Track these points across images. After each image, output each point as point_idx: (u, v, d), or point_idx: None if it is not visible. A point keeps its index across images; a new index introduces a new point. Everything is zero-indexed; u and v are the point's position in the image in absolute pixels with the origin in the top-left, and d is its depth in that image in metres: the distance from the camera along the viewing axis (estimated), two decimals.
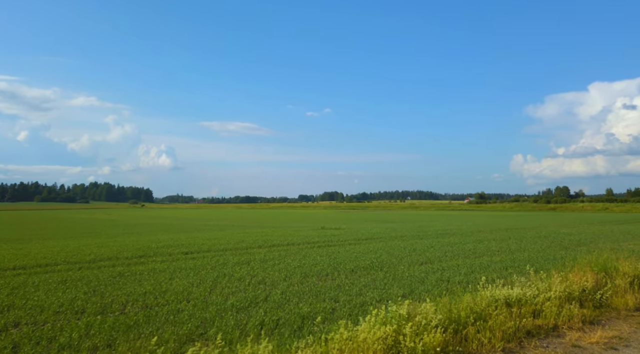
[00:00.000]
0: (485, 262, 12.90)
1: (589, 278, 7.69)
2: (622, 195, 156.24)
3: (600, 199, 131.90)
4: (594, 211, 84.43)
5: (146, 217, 65.41)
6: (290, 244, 18.82)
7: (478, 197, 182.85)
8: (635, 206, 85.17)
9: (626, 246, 18.01)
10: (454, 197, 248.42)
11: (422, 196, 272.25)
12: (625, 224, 35.60)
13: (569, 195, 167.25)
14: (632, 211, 75.59)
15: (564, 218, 50.23)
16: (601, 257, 9.21)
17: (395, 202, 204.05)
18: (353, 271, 11.12)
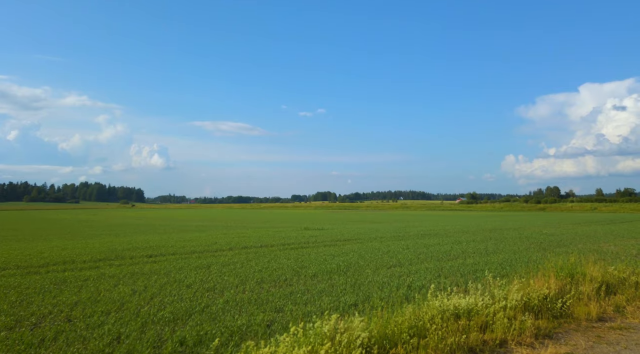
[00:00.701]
0: (456, 265, 12.39)
1: (552, 284, 7.18)
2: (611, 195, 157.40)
3: (590, 199, 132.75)
4: (583, 211, 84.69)
5: (131, 218, 64.34)
6: (264, 246, 18.21)
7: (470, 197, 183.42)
8: (623, 206, 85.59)
9: (606, 247, 17.64)
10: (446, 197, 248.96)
11: (415, 196, 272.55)
12: (611, 224, 35.42)
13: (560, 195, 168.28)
14: (620, 211, 75.89)
15: (552, 218, 50.09)
16: (569, 261, 8.72)
17: (388, 203, 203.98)
18: (314, 276, 10.54)
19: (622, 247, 17.58)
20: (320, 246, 18.28)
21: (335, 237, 23.12)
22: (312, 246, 18.25)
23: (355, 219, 55.76)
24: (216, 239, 21.65)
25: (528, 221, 42.91)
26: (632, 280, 8.59)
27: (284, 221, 51.63)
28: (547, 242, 19.43)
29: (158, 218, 63.24)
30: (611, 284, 8.16)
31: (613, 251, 16.17)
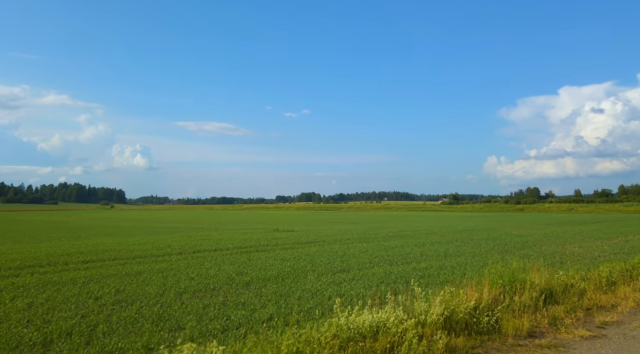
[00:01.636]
0: (407, 270, 11.69)
1: (485, 293, 6.47)
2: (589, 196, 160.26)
3: (568, 199, 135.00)
4: (560, 211, 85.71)
5: (104, 219, 62.47)
6: (218, 250, 17.28)
7: (452, 198, 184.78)
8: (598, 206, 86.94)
9: (570, 249, 17.24)
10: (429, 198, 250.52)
11: (399, 196, 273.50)
12: (583, 225, 35.45)
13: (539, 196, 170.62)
14: (596, 212, 76.96)
15: (527, 219, 50.22)
16: (510, 266, 8.06)
17: (371, 203, 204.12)
18: (247, 284, 9.69)
19: (586, 249, 17.20)
20: (277, 249, 17.43)
21: (300, 239, 22.30)
22: (269, 250, 17.38)
23: (332, 220, 55.05)
24: (172, 243, 20.59)
25: (503, 221, 42.81)
26: (579, 287, 7.98)
27: (260, 222, 50.61)
28: (513, 244, 18.97)
29: (131, 220, 61.54)
30: (555, 292, 7.53)
31: (576, 253, 15.75)
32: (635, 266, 10.87)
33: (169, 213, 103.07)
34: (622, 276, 9.41)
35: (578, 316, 6.53)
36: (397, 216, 73.92)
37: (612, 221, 40.20)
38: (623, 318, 6.58)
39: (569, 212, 78.09)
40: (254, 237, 23.51)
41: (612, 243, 19.57)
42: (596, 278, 8.90)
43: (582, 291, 7.88)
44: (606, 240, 21.11)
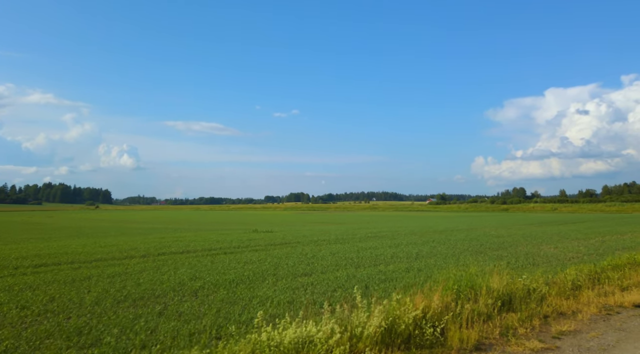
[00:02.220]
0: (372, 273, 11.19)
1: (435, 301, 5.98)
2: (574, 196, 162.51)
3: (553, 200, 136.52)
4: (544, 211, 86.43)
5: (85, 220, 61.10)
6: (185, 252, 16.60)
7: (439, 198, 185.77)
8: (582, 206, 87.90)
9: (545, 250, 16.95)
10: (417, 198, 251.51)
11: (387, 197, 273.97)
12: (564, 224, 35.47)
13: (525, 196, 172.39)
14: (579, 212, 77.73)
15: (511, 219, 50.31)
16: (468, 270, 7.59)
17: (360, 203, 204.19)
18: (196, 291, 9.07)
19: (562, 250, 16.93)
20: (247, 252, 16.81)
21: (275, 240, 21.71)
22: (238, 252, 16.76)
23: (316, 220, 54.52)
24: (141, 245, 19.83)
25: (485, 221, 42.72)
26: (541, 292, 7.54)
27: (243, 222, 49.84)
28: (488, 245, 18.63)
29: (112, 220, 60.28)
30: (514, 298, 7.07)
31: (550, 254, 15.44)
32: (605, 268, 10.53)
33: (153, 214, 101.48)
34: (590, 279, 9.03)
35: (534, 324, 6.07)
36: (383, 216, 73.74)
37: (593, 221, 40.36)
38: (582, 327, 6.14)
39: (552, 212, 78.75)
40: (228, 239, 22.85)
41: (588, 244, 19.36)
42: (561, 281, 8.50)
43: (543, 296, 7.44)
44: (583, 240, 20.93)
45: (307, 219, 60.16)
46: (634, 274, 9.85)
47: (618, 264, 10.90)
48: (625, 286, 8.75)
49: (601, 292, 8.01)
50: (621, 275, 9.74)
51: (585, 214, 69.26)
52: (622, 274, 9.78)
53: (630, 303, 7.29)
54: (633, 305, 7.29)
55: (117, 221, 60.07)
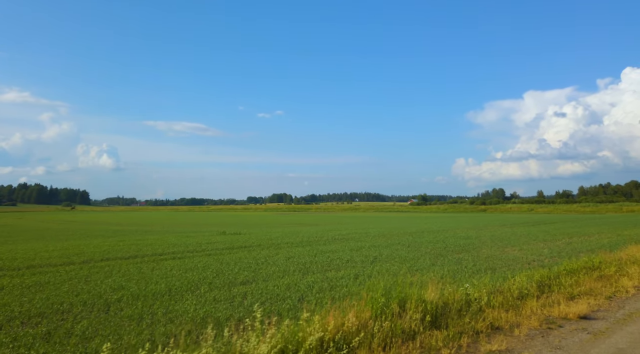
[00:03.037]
0: (316, 280, 10.42)
1: (349, 319, 5.22)
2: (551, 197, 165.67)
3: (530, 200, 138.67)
4: (520, 212, 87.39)
5: (54, 222, 58.91)
6: (133, 257, 15.59)
7: (421, 198, 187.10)
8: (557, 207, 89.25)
9: (509, 252, 16.49)
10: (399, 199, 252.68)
11: (370, 197, 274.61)
12: (535, 225, 35.43)
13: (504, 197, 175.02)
14: (554, 212, 78.78)
15: (486, 219, 50.36)
16: (397, 280, 6.88)
17: (341, 204, 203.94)
18: (110, 304, 8.15)
19: (526, 252, 16.49)
20: (200, 256, 15.89)
21: (236, 243, 20.80)
22: (189, 256, 15.82)
23: (292, 221, 53.63)
24: (91, 248, 18.71)
25: (460, 222, 42.54)
26: (480, 303, 6.88)
27: (216, 224, 48.60)
28: (452, 247, 18.10)
29: (82, 222, 58.26)
30: (449, 311, 6.39)
31: (512, 257, 14.94)
32: (559, 273, 10.00)
33: (129, 215, 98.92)
34: (540, 287, 8.44)
35: (461, 344, 5.37)
36: (361, 217, 73.34)
37: (565, 222, 40.56)
38: (515, 345, 5.48)
39: (529, 213, 79.62)
40: (187, 242, 21.84)
41: (554, 245, 19.05)
42: (507, 290, 7.88)
43: (483, 308, 6.78)
44: (550, 242, 20.64)
45: (283, 220, 59.24)
46: (587, 280, 9.33)
47: (574, 268, 10.39)
48: (575, 293, 8.19)
49: (547, 302, 7.41)
50: (574, 281, 9.21)
51: (560, 214, 70.15)
52: (576, 280, 9.25)
53: (575, 314, 6.70)
54: (578, 317, 6.69)
55: (88, 222, 58.11)
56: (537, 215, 67.67)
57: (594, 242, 19.81)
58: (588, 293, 8.31)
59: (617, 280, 9.51)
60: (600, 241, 20.27)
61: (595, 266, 11.04)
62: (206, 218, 71.48)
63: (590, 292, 8.41)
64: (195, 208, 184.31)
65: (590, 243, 19.59)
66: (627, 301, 7.92)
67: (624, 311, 7.22)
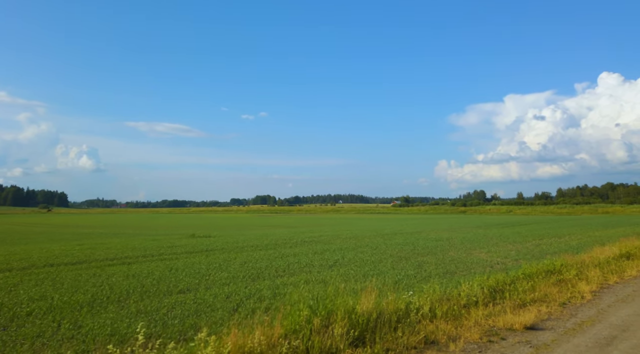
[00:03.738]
0: (262, 287, 9.73)
1: (256, 338, 4.55)
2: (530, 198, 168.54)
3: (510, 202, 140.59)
4: (499, 213, 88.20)
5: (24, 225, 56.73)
6: (84, 262, 14.68)
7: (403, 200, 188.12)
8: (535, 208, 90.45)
9: (476, 255, 16.08)
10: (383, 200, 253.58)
11: (354, 199, 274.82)
12: (510, 227, 35.43)
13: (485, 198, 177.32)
14: (532, 214, 79.70)
15: (463, 221, 50.40)
16: (327, 291, 6.25)
17: (325, 206, 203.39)
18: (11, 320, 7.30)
19: (493, 254, 16.11)
20: (151, 261, 15.00)
21: (199, 247, 19.95)
22: (141, 261, 14.93)
23: (270, 223, 52.74)
24: (40, 253, 17.60)
25: (437, 224, 42.36)
26: (420, 313, 6.29)
27: (190, 226, 47.41)
28: (420, 250, 17.61)
29: (53, 225, 56.25)
30: (381, 324, 5.77)
31: (476, 260, 14.50)
32: (517, 277, 9.52)
33: (105, 217, 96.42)
34: (492, 293, 7.92)
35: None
36: (341, 218, 72.90)
37: (540, 223, 40.73)
38: None
39: (507, 214, 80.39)
40: (150, 246, 20.89)
41: (523, 247, 18.76)
42: (456, 297, 7.32)
43: (423, 318, 6.19)
44: (519, 244, 20.37)
45: (261, 222, 58.30)
46: (544, 284, 8.86)
47: (533, 272, 9.93)
48: (528, 300, 7.68)
49: (495, 310, 6.88)
50: (530, 286, 8.72)
51: (537, 216, 70.91)
52: (532, 285, 8.77)
53: (521, 325, 6.16)
54: (524, 327, 6.16)
55: (59, 225, 56.19)
56: (514, 216, 68.27)
57: (562, 244, 19.60)
58: (541, 300, 7.82)
59: (574, 285, 9.07)
60: (569, 243, 20.09)
61: (556, 269, 10.62)
62: (183, 220, 69.95)
63: (544, 298, 7.93)
64: (176, 210, 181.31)
65: (558, 245, 19.37)
66: (580, 308, 7.45)
67: (575, 320, 6.73)
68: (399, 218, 68.86)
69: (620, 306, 7.56)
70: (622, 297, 8.27)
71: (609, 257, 12.76)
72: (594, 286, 9.00)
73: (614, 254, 13.16)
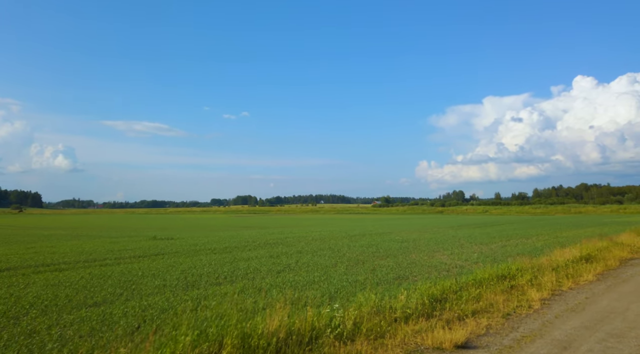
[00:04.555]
0: (192, 297, 8.81)
1: None
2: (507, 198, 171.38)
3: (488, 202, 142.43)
4: (475, 213, 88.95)
5: None
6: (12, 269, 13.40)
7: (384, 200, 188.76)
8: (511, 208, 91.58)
9: (436, 257, 15.46)
10: (364, 200, 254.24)
11: (335, 199, 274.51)
12: (481, 227, 35.25)
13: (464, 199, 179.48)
14: (507, 214, 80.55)
15: (438, 221, 50.27)
16: (226, 306, 5.39)
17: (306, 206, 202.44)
18: None
19: (455, 256, 15.53)
20: (92, 267, 13.87)
21: (153, 251, 18.87)
22: (80, 267, 13.81)
23: (244, 224, 51.51)
24: None
25: (411, 224, 42.00)
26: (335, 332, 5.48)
27: (158, 228, 45.83)
28: (382, 252, 16.93)
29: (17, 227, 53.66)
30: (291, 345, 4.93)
31: (436, 263, 13.85)
32: (465, 284, 8.84)
33: (77, 218, 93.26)
34: (432, 303, 7.19)
35: None
36: (318, 219, 72.15)
37: (513, 223, 40.80)
38: None
39: (483, 214, 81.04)
40: (102, 249, 19.68)
41: (488, 248, 18.30)
42: (390, 308, 6.56)
43: (339, 337, 5.38)
44: (486, 245, 19.92)
45: (235, 223, 57.02)
46: (492, 292, 8.20)
47: (484, 277, 9.27)
48: (469, 311, 6.98)
49: (428, 325, 6.12)
50: (477, 294, 8.05)
51: (512, 216, 71.62)
52: (478, 294, 8.09)
53: (452, 343, 5.42)
54: (454, 346, 5.42)
55: (24, 226, 53.76)
56: (489, 217, 68.73)
57: (528, 246, 19.22)
58: (485, 310, 7.13)
59: (525, 292, 8.44)
60: (535, 244, 19.73)
61: (510, 274, 10.00)
62: (155, 221, 67.99)
63: (488, 308, 7.24)
64: (153, 211, 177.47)
65: (524, 246, 18.98)
66: (525, 320, 6.79)
67: (515, 335, 6.04)
68: (375, 218, 68.52)
69: (568, 317, 6.93)
70: (573, 305, 7.66)
71: (569, 260, 12.27)
72: (545, 293, 8.39)
73: (574, 257, 12.69)
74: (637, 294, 8.57)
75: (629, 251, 15.85)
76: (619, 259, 13.66)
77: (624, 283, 9.80)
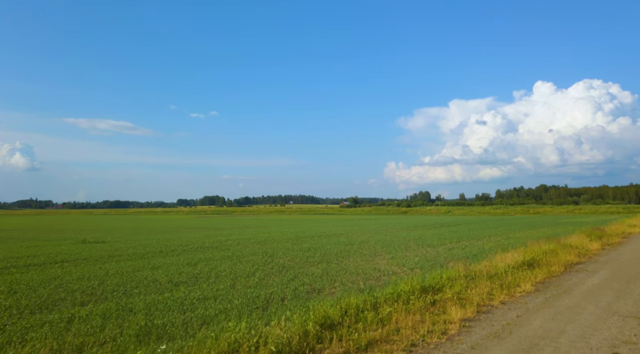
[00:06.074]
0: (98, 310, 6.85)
1: None
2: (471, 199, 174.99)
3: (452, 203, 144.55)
4: (438, 214, 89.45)
5: None
6: None
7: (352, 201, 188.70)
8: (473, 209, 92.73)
9: (376, 262, 14.04)
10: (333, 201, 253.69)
11: (304, 200, 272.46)
12: (437, 228, 34.45)
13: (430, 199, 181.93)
14: (469, 214, 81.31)
15: (397, 222, 49.46)
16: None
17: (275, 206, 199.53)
18: None
19: (395, 261, 14.12)
20: None
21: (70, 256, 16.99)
22: None
23: (201, 226, 48.87)
24: None
25: (367, 225, 40.84)
26: None
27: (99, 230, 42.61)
28: (317, 257, 15.32)
29: None
30: None
31: (370, 270, 12.35)
32: (384, 299, 7.32)
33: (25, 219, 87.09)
34: (320, 332, 5.57)
35: None
36: (278, 219, 70.22)
37: (470, 224, 40.36)
38: None
39: (445, 215, 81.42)
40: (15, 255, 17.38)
41: (434, 251, 17.08)
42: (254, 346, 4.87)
43: None
44: (434, 247, 18.72)
45: (191, 224, 54.23)
46: (402, 315, 6.65)
47: (406, 290, 7.80)
48: (363, 343, 5.40)
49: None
50: (385, 316, 6.52)
51: (473, 216, 72.15)
52: (387, 314, 6.57)
53: None
54: None
55: None
56: (451, 217, 68.89)
57: (476, 248, 18.14)
58: (385, 340, 5.58)
59: (446, 309, 6.99)
60: (484, 246, 18.67)
61: (439, 284, 8.59)
62: (104, 222, 64.01)
63: (390, 337, 5.70)
64: (112, 211, 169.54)
65: (472, 248, 17.88)
66: (432, 353, 5.27)
67: None
68: (339, 219, 67.30)
69: (488, 348, 5.48)
70: (498, 329, 6.25)
71: (510, 265, 11.05)
72: (469, 311, 6.96)
73: (516, 262, 11.49)
74: (576, 311, 7.29)
75: (576, 254, 14.95)
76: (564, 264, 12.61)
77: (565, 295, 8.57)
